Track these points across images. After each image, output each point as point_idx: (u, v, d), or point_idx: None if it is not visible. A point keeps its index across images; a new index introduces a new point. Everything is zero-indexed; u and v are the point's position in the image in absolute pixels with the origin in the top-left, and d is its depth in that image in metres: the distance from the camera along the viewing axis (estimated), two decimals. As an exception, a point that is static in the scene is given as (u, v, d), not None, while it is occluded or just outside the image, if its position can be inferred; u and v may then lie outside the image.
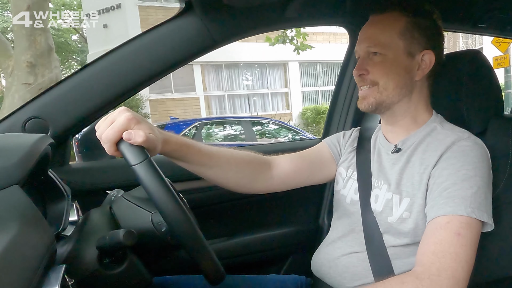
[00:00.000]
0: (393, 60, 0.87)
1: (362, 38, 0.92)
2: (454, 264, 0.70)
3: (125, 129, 0.65)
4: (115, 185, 1.00)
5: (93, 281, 0.65)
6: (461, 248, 0.71)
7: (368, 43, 0.89)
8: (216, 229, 1.29)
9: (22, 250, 0.46)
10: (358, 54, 0.93)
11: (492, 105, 0.95)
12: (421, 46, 0.87)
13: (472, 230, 0.73)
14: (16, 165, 0.58)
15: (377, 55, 0.88)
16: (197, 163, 0.84)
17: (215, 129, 7.65)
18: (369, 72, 0.88)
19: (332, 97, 1.48)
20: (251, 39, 8.44)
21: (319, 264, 0.97)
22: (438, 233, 0.73)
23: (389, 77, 0.87)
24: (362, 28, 0.93)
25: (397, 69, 0.87)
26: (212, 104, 12.43)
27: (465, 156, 0.79)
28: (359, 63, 0.90)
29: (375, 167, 0.94)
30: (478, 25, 1.37)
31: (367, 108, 0.90)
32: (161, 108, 11.24)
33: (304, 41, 7.54)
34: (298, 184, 1.02)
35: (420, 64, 0.88)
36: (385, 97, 0.88)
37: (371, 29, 0.91)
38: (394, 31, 0.87)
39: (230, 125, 7.84)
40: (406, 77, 0.88)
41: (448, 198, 0.75)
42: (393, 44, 0.87)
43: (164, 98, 11.41)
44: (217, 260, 0.64)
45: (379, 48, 0.87)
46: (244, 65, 12.64)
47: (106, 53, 1.02)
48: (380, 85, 0.88)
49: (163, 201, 0.60)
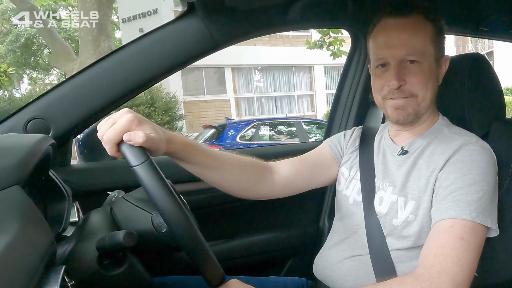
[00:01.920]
0: (429, 69, 0.83)
1: (394, 43, 0.83)
2: (456, 268, 0.69)
3: (127, 130, 0.64)
4: (115, 186, 1.00)
5: (93, 282, 0.65)
6: (463, 253, 0.71)
7: (405, 51, 0.82)
8: (217, 230, 1.29)
9: (22, 250, 0.46)
10: (386, 61, 0.85)
11: (494, 109, 0.95)
12: (443, 51, 0.87)
13: (475, 235, 0.73)
14: (17, 165, 0.58)
15: (414, 64, 0.82)
16: (201, 165, 0.82)
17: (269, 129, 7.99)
18: (406, 82, 0.83)
19: (334, 99, 1.48)
20: (279, 43, 8.64)
21: (322, 266, 0.97)
22: (441, 236, 0.73)
23: (428, 88, 0.84)
24: (386, 31, 0.85)
25: (433, 79, 0.84)
26: (241, 106, 12.87)
27: (473, 160, 0.78)
28: (396, 72, 0.82)
29: (379, 169, 0.93)
30: (481, 29, 1.37)
31: (406, 119, 0.85)
32: (194, 109, 11.71)
33: (341, 46, 7.68)
34: (301, 188, 1.01)
35: (441, 70, 0.88)
36: (422, 109, 0.86)
37: (404, 34, 0.82)
38: (427, 37, 0.83)
39: (284, 125, 8.13)
40: (436, 85, 0.87)
41: (454, 202, 0.75)
42: (428, 52, 0.83)
43: (197, 100, 11.88)
44: (217, 262, 0.64)
45: (417, 56, 0.82)
46: (271, 68, 13.09)
47: (108, 54, 1.02)
48: (419, 97, 0.84)
49: (164, 202, 0.60)
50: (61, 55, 7.53)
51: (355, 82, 1.37)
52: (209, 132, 7.70)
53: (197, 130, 10.58)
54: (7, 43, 13.94)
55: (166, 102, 10.15)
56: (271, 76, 13.32)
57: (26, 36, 13.97)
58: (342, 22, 1.28)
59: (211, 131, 7.63)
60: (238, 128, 7.44)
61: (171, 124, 10.14)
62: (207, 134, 7.72)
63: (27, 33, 13.93)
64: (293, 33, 12.89)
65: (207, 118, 11.84)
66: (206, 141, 7.25)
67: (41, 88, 12.73)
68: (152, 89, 9.84)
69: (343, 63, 1.44)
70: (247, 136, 7.43)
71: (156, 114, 9.66)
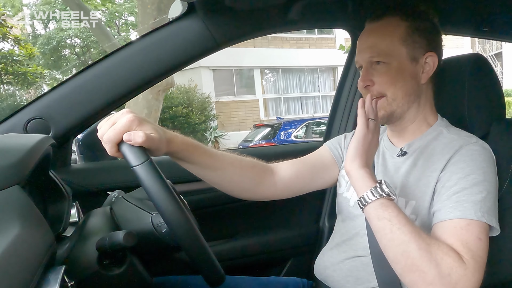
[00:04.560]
0: (398, 68, 0.85)
1: (362, 47, 0.89)
2: (478, 265, 0.69)
3: (127, 130, 0.64)
4: (115, 186, 1.00)
5: (93, 282, 0.65)
6: (480, 251, 0.71)
7: (370, 53, 0.87)
8: (217, 231, 1.28)
9: (22, 250, 0.46)
10: (360, 64, 0.91)
11: (494, 109, 0.95)
12: (423, 49, 0.87)
13: (486, 234, 0.73)
14: (17, 165, 0.58)
15: (380, 65, 0.86)
16: (202, 165, 0.82)
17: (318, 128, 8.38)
18: (374, 83, 0.86)
19: (333, 101, 1.48)
20: (305, 45, 9.03)
21: (323, 266, 0.97)
22: (459, 232, 0.72)
23: (397, 86, 0.85)
24: (360, 36, 0.91)
25: (404, 77, 0.85)
26: (269, 106, 13.18)
27: (474, 160, 0.78)
28: (363, 74, 0.88)
29: (379, 171, 0.93)
30: (481, 29, 1.37)
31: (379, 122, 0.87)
32: (225, 109, 11.99)
33: None
34: (302, 190, 1.01)
35: (424, 67, 0.87)
36: (396, 107, 0.87)
37: (371, 38, 0.89)
38: (395, 38, 0.86)
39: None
40: (413, 83, 0.87)
41: (458, 202, 0.75)
42: (396, 52, 0.85)
43: (227, 100, 12.15)
44: (217, 262, 0.64)
45: (382, 57, 0.85)
46: (297, 69, 13.38)
47: (108, 54, 1.02)
48: (389, 96, 0.86)
49: (164, 202, 0.60)
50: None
51: (355, 83, 1.37)
52: (263, 130, 8.44)
53: (227, 129, 11.10)
54: (39, 46, 14.05)
55: (202, 102, 10.57)
56: (297, 77, 13.63)
57: (57, 39, 14.17)
58: (342, 22, 1.28)
59: (265, 129, 8.37)
60: (292, 126, 8.17)
61: (206, 123, 10.56)
62: (260, 132, 8.45)
63: (59, 36, 14.15)
64: (319, 35, 13.27)
65: (237, 118, 12.24)
66: (262, 139, 8.14)
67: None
68: (189, 90, 10.31)
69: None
70: (299, 135, 8.04)
71: (194, 114, 10.06)
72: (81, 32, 14.00)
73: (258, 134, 8.55)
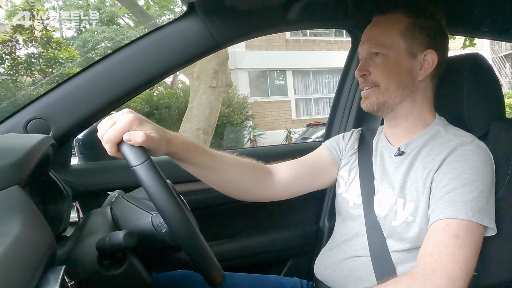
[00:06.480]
0: (394, 60, 0.87)
1: (364, 39, 0.92)
2: (451, 264, 0.70)
3: (127, 130, 0.64)
4: (115, 186, 1.00)
5: (93, 282, 0.64)
6: (458, 249, 0.71)
7: (369, 44, 0.89)
8: (217, 230, 1.29)
9: (22, 250, 0.46)
10: (361, 55, 0.93)
11: (494, 109, 0.95)
12: (423, 46, 0.87)
13: (472, 233, 0.73)
14: (17, 165, 0.58)
15: (378, 56, 0.88)
16: (202, 166, 0.82)
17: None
18: (370, 73, 0.89)
19: (334, 100, 1.48)
20: (334, 48, 9.32)
21: (323, 266, 0.97)
22: (436, 235, 0.73)
23: (390, 78, 0.87)
24: (365, 29, 0.93)
25: (398, 70, 0.87)
26: (300, 106, 13.52)
27: (467, 160, 0.79)
28: (361, 63, 0.91)
29: (378, 171, 0.93)
30: (480, 29, 1.37)
31: (369, 108, 0.90)
32: (259, 109, 12.34)
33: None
34: (301, 191, 1.01)
35: (423, 64, 0.87)
36: (387, 98, 0.88)
37: (373, 30, 0.91)
38: (395, 31, 0.87)
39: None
40: (408, 78, 0.88)
41: (449, 202, 0.75)
42: (394, 44, 0.87)
43: (262, 101, 12.58)
44: (217, 262, 0.64)
45: (380, 49, 0.88)
46: (328, 70, 13.68)
47: (108, 54, 1.02)
48: (382, 87, 0.88)
49: (164, 202, 0.60)
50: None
51: (355, 83, 1.37)
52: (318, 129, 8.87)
53: (261, 129, 11.34)
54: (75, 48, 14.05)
55: (240, 103, 10.81)
56: (326, 78, 13.91)
57: (93, 42, 14.18)
58: (342, 22, 1.28)
59: (322, 128, 8.61)
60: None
61: (245, 123, 10.82)
62: (315, 131, 8.81)
63: (95, 38, 14.19)
64: (347, 38, 13.04)
65: (271, 118, 12.60)
66: (319, 137, 8.26)
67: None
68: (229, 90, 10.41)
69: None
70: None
71: (235, 113, 10.28)
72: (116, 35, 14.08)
73: (313, 132, 9.01)
